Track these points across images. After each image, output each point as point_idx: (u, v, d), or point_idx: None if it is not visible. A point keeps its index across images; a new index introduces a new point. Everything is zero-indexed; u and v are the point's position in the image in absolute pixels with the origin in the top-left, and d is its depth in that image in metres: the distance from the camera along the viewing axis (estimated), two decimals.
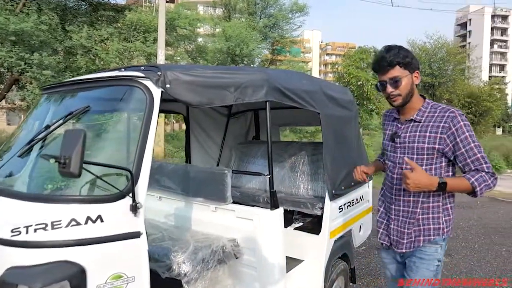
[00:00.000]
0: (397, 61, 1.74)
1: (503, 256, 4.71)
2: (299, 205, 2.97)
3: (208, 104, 1.97)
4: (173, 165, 2.75)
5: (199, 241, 2.26)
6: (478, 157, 1.70)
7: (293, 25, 18.28)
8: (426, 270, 1.80)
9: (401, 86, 1.76)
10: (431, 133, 1.75)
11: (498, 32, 66.08)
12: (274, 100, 2.26)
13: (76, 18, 14.45)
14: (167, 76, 1.80)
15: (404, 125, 1.86)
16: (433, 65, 24.29)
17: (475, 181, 1.67)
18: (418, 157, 1.78)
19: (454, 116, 1.71)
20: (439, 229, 1.80)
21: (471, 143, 1.69)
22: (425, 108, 1.81)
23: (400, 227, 1.87)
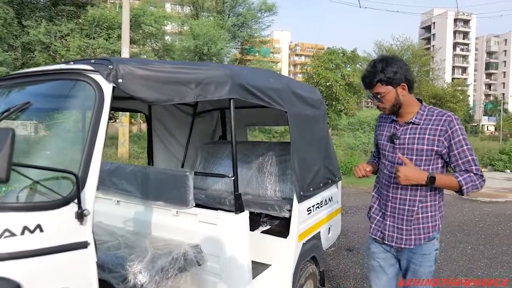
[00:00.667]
0: (377, 80, 1.84)
1: (468, 254, 4.79)
2: (266, 208, 2.87)
3: (166, 101, 1.82)
4: (131, 166, 2.57)
5: (158, 248, 2.10)
6: (469, 159, 1.81)
7: (262, 25, 18.30)
8: (428, 262, 1.94)
9: (384, 101, 1.88)
10: (429, 136, 1.84)
11: (460, 36, 69.14)
12: (239, 98, 2.14)
13: (34, 13, 13.76)
14: (119, 69, 1.64)
15: (403, 127, 1.94)
16: None
17: (462, 180, 1.79)
18: (417, 158, 1.87)
19: (451, 120, 1.82)
20: (435, 226, 1.92)
21: (463, 145, 1.81)
22: (423, 111, 1.90)
23: (397, 224, 1.96)
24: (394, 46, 25.27)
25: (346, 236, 5.37)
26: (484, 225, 6.32)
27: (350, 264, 4.26)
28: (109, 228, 2.52)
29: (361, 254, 4.60)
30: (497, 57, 75.28)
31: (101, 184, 2.77)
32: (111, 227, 2.56)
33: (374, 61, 1.89)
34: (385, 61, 1.84)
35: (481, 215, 7.08)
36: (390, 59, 1.86)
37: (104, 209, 2.79)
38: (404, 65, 1.87)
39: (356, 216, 6.72)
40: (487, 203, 8.40)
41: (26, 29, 13.38)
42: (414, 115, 1.90)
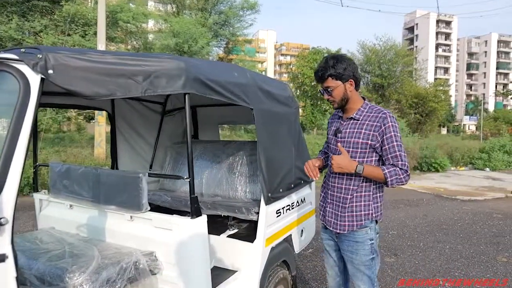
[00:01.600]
0: (328, 74, 2.00)
1: (446, 254, 4.73)
2: (233, 210, 2.71)
3: (107, 96, 1.64)
4: (83, 168, 2.37)
5: (106, 257, 1.92)
6: (397, 155, 1.95)
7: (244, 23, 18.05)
8: (363, 250, 2.07)
9: (334, 94, 2.04)
10: (365, 130, 2.01)
11: (443, 37, 70.29)
12: (195, 93, 1.97)
13: (5, 8, 13.25)
14: (49, 59, 1.46)
15: (346, 122, 2.11)
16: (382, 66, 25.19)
17: (388, 172, 1.93)
18: (353, 150, 2.04)
19: (385, 117, 1.99)
20: (368, 214, 2.05)
21: (394, 142, 1.96)
22: (364, 108, 2.07)
23: (335, 210, 2.13)
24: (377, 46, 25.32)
25: None
26: (463, 224, 6.30)
27: None
28: (58, 235, 2.33)
29: None
30: (477, 58, 76.66)
31: (53, 187, 2.57)
32: (62, 234, 2.37)
33: (326, 57, 2.04)
34: (336, 58, 2.01)
35: (460, 214, 7.07)
36: (340, 57, 2.03)
37: (56, 214, 2.59)
38: (352, 64, 2.05)
39: None
40: (466, 202, 8.41)
41: None
42: (355, 111, 2.07)
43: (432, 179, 11.99)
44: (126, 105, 3.44)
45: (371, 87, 25.73)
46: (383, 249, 4.81)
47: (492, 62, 74.63)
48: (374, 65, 24.76)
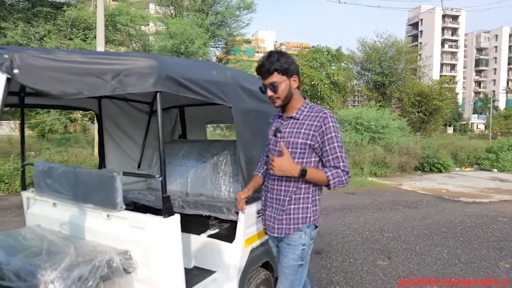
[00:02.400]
0: (274, 68, 1.92)
1: (443, 258, 4.55)
2: (214, 210, 2.72)
3: (74, 95, 1.66)
4: (62, 167, 2.40)
5: (80, 254, 1.94)
6: (337, 156, 1.91)
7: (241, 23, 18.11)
8: (292, 254, 2.00)
9: (279, 91, 1.95)
10: (305, 130, 1.95)
11: (449, 32, 68.00)
12: (167, 91, 1.99)
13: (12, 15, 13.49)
14: (15, 59, 1.49)
15: (286, 122, 2.05)
16: (383, 64, 24.81)
17: (330, 175, 1.88)
18: (292, 151, 1.96)
19: (325, 117, 1.93)
20: (306, 218, 2.00)
21: (334, 142, 1.91)
22: (304, 107, 2.02)
23: (273, 213, 2.07)
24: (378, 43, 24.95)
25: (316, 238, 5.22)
26: (464, 227, 6.04)
27: (316, 268, 4.11)
28: (40, 233, 2.36)
29: (330, 258, 4.46)
30: (487, 54, 73.64)
31: (37, 186, 2.61)
32: (45, 231, 2.40)
33: (270, 52, 1.97)
34: (280, 53, 1.97)
35: (462, 217, 6.78)
36: (284, 52, 1.99)
37: (42, 212, 2.63)
38: (294, 61, 2.01)
39: (329, 217, 6.59)
40: (470, 204, 8.08)
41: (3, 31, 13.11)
42: (296, 110, 2.01)
43: (434, 180, 11.75)
44: (113, 105, 3.47)
45: (371, 86, 25.49)
46: (376, 251, 4.75)
47: (503, 57, 71.48)
48: (375, 62, 24.43)
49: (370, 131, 13.98)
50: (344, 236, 5.37)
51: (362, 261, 4.38)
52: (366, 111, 14.95)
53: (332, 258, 4.44)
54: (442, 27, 67.18)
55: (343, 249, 4.78)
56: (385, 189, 9.87)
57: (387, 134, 14.06)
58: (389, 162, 12.60)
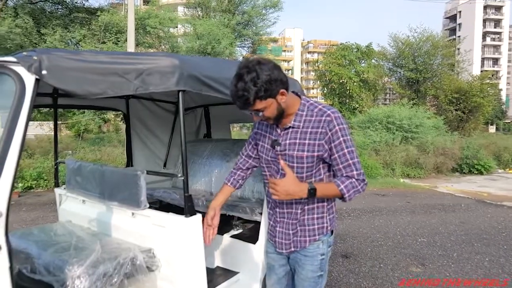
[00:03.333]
0: (253, 98, 1.52)
1: (484, 267, 4.21)
2: (238, 210, 2.71)
3: (99, 95, 1.69)
4: (91, 165, 2.47)
5: (106, 251, 1.99)
6: (349, 163, 1.65)
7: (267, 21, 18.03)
8: (311, 266, 1.81)
9: (268, 114, 1.62)
10: (310, 140, 1.67)
11: (491, 24, 63.16)
12: (190, 90, 1.99)
13: (51, 21, 14.24)
14: (43, 60, 1.52)
15: (283, 131, 1.74)
16: (417, 60, 23.71)
17: (344, 188, 1.64)
18: (298, 166, 1.69)
19: (330, 120, 1.64)
20: (323, 228, 1.80)
21: (344, 148, 1.65)
22: (302, 111, 1.70)
23: (285, 229, 1.84)
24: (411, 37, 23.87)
25: (344, 241, 5.08)
26: (508, 234, 5.56)
27: (344, 272, 4.00)
28: (71, 228, 2.44)
29: (359, 262, 4.31)
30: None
31: (68, 183, 2.70)
32: (74, 227, 2.48)
33: (239, 74, 1.52)
34: (253, 71, 1.50)
35: (506, 223, 6.25)
36: (257, 66, 1.52)
37: (72, 208, 2.72)
38: (273, 67, 1.55)
39: (358, 219, 6.40)
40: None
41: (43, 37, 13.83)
42: (293, 117, 1.70)
43: (474, 183, 11.05)
44: (140, 105, 3.55)
45: (404, 83, 24.55)
46: (408, 257, 4.55)
47: None
48: (408, 58, 23.42)
49: (402, 130, 13.49)
50: (374, 240, 5.19)
51: (393, 267, 4.20)
52: (398, 109, 14.45)
53: (361, 262, 4.30)
54: (484, 18, 62.32)
55: (372, 253, 4.62)
56: (418, 191, 9.48)
57: (421, 134, 13.50)
58: (423, 163, 12.09)
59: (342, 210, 6.83)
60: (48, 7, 14.71)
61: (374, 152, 12.36)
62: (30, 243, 2.12)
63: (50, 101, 2.77)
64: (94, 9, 14.85)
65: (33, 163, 8.79)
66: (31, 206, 6.87)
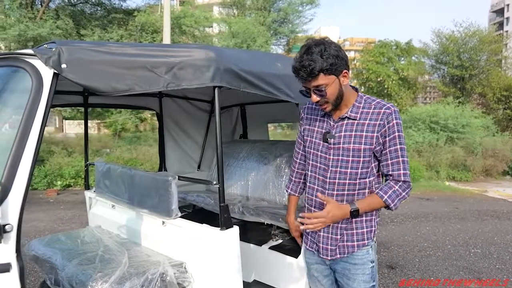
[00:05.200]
0: (318, 70, 1.47)
1: None
2: (277, 218, 2.45)
3: (124, 91, 1.49)
4: (120, 168, 2.31)
5: (133, 265, 1.80)
6: (399, 161, 1.58)
7: (303, 19, 17.54)
8: (362, 275, 1.66)
9: (329, 94, 1.54)
10: (367, 133, 1.58)
11: None
12: (226, 86, 1.76)
13: (90, 23, 14.70)
14: (62, 52, 1.35)
15: (338, 123, 1.65)
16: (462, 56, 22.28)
17: (388, 198, 1.57)
18: (354, 160, 1.60)
19: (390, 113, 1.58)
20: (371, 231, 1.68)
21: (397, 144, 1.58)
22: (359, 103, 1.63)
23: (331, 233, 1.68)
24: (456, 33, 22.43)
25: (388, 250, 4.69)
26: None
27: (390, 285, 3.64)
28: (99, 235, 2.30)
29: (406, 274, 3.93)
30: None
31: (97, 186, 2.57)
32: (103, 234, 2.34)
33: (307, 46, 1.49)
34: (323, 44, 1.48)
35: None
36: (327, 42, 1.50)
37: (102, 212, 2.59)
38: (340, 47, 1.54)
39: (403, 225, 5.95)
40: None
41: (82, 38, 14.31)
42: (350, 107, 1.62)
43: None
44: (174, 104, 3.38)
45: (448, 80, 23.13)
46: (462, 270, 4.11)
47: None
48: (453, 55, 21.94)
49: (447, 130, 12.62)
50: (421, 249, 4.75)
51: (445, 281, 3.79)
52: (442, 108, 13.55)
53: (409, 274, 3.92)
54: None
55: (420, 265, 4.21)
56: (467, 196, 8.78)
57: (467, 134, 12.57)
58: (471, 165, 11.26)
59: (384, 215, 6.38)
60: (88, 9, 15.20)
61: (416, 153, 11.67)
62: (56, 251, 1.98)
63: (81, 99, 2.66)
64: (131, 9, 15.17)
65: (72, 162, 9.00)
66: (68, 204, 7.00)
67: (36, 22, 11.30)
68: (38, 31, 10.24)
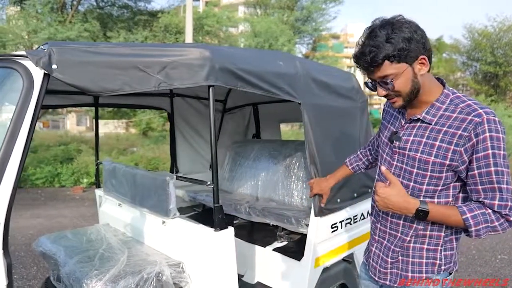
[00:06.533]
0: (384, 56, 1.17)
1: None
2: (282, 220, 2.40)
3: (115, 91, 1.50)
4: (124, 167, 2.34)
5: (130, 264, 1.81)
6: (494, 187, 1.16)
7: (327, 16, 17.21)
8: None
9: (398, 86, 1.22)
10: (442, 143, 1.22)
11: None
12: (222, 85, 1.73)
13: (116, 25, 15.08)
14: (53, 53, 1.37)
15: (409, 124, 1.33)
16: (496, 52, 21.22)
17: (471, 218, 1.18)
18: (419, 172, 1.28)
19: (480, 122, 1.15)
20: (434, 264, 1.33)
21: (491, 165, 1.15)
22: (441, 103, 1.26)
23: (383, 253, 1.42)
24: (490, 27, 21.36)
25: None
26: None
27: None
28: (103, 233, 2.34)
29: None
30: None
31: (105, 185, 2.62)
32: (109, 232, 2.37)
33: (371, 28, 1.20)
34: (389, 25, 1.17)
35: None
36: (396, 21, 1.18)
37: (110, 211, 2.63)
38: (417, 26, 1.20)
39: None
40: None
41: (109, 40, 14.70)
42: (427, 107, 1.27)
43: None
44: (185, 104, 3.40)
45: (480, 78, 22.09)
46: (486, 277, 3.88)
47: None
48: (486, 51, 20.94)
49: None
50: None
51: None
52: None
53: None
54: None
55: None
56: None
57: None
58: None
59: None
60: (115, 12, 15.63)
61: None
62: (60, 248, 2.02)
63: (91, 100, 2.72)
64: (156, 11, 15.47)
65: None
66: (92, 201, 7.21)
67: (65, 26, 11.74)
68: (66, 34, 10.63)
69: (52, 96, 2.36)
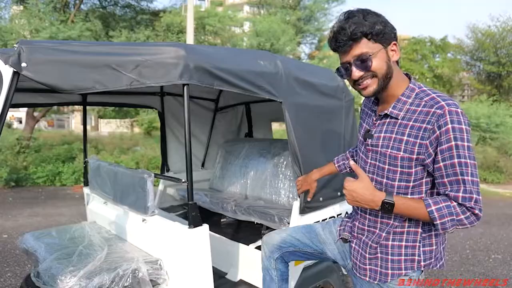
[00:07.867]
0: (362, 31, 1.21)
1: None
2: (265, 218, 2.41)
3: (86, 90, 1.51)
4: (107, 164, 2.35)
5: (107, 261, 1.82)
6: (458, 179, 1.17)
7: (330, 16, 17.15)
8: None
9: (374, 67, 1.23)
10: (409, 137, 1.24)
11: None
12: (197, 84, 1.74)
13: (118, 24, 15.13)
14: (23, 51, 1.38)
15: (380, 121, 1.36)
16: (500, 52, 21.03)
17: (435, 210, 1.18)
18: (390, 169, 1.30)
19: (442, 114, 1.17)
20: (413, 261, 1.34)
21: (454, 157, 1.16)
22: (407, 97, 1.28)
23: (362, 249, 1.44)
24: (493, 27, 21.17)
25: None
26: None
27: None
28: (87, 231, 2.36)
29: None
30: None
31: (90, 183, 2.64)
32: (93, 230, 2.39)
33: (349, 11, 1.25)
34: (365, 10, 1.24)
35: None
36: (370, 10, 1.25)
37: (96, 208, 2.66)
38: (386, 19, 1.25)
39: None
40: None
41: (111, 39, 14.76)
42: (394, 102, 1.29)
43: None
44: (176, 103, 3.41)
45: (484, 78, 21.88)
46: (478, 276, 3.86)
47: None
48: (489, 51, 20.76)
49: (479, 130, 11.97)
50: None
51: None
52: (474, 106, 12.87)
53: None
54: None
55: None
56: (496, 199, 8.28)
57: (502, 133, 11.87)
58: (504, 167, 10.60)
59: None
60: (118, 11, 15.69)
61: None
62: (41, 245, 2.05)
63: (79, 98, 2.74)
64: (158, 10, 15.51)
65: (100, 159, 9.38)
66: None
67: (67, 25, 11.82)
68: (68, 33, 10.70)
69: (37, 94, 2.39)
